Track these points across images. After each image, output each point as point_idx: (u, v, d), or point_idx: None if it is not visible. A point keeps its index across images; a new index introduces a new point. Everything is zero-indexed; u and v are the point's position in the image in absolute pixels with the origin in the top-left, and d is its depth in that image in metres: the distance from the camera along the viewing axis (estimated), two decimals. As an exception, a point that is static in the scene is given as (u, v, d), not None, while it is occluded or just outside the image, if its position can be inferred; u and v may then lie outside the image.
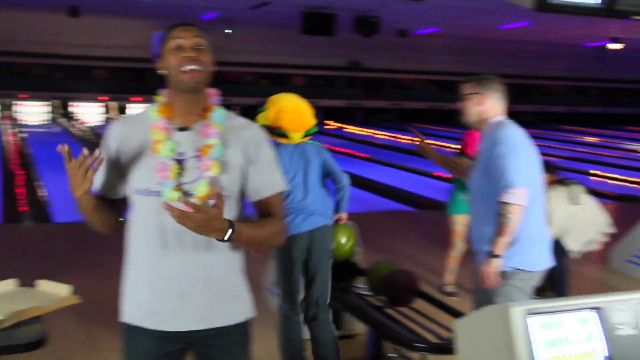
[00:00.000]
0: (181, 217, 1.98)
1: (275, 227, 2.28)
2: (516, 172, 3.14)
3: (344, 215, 4.15)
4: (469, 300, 5.51)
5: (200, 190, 2.15)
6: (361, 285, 4.30)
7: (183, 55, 2.15)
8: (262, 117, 3.89)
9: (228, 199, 2.19)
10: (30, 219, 8.15)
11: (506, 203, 3.13)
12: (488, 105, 3.35)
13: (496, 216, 3.17)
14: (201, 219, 1.98)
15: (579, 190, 5.21)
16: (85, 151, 2.06)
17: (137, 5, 16.97)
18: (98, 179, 2.23)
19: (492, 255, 3.19)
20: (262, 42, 23.07)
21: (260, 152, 2.26)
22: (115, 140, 2.27)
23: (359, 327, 4.69)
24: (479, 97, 3.35)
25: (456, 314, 3.65)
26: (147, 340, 2.25)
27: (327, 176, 4.05)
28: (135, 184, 2.22)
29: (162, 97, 2.27)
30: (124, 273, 2.35)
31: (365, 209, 9.85)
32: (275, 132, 3.83)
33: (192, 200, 2.09)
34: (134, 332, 2.27)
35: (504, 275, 3.20)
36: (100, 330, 4.71)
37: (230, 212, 2.18)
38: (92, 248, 6.81)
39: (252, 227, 2.20)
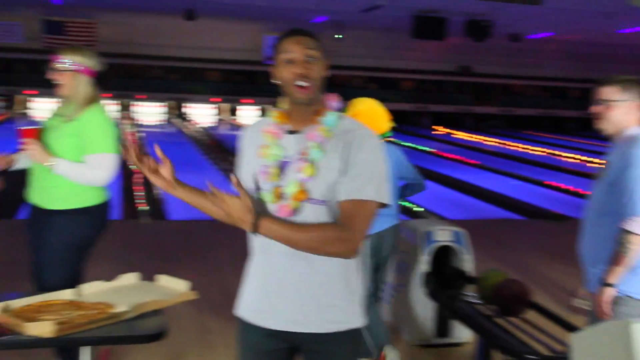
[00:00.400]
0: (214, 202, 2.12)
1: (322, 233, 2.12)
2: None
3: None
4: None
5: (290, 190, 2.18)
6: (470, 293, 4.24)
7: (294, 71, 2.17)
8: None
9: (325, 204, 2.18)
10: (147, 216, 8.46)
11: (629, 232, 2.88)
12: (629, 114, 3.02)
13: (614, 241, 2.93)
14: (225, 208, 2.09)
15: None
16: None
17: (250, 9, 17.34)
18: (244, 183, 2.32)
19: (606, 283, 2.98)
20: (372, 45, 23.10)
21: (357, 156, 2.18)
22: (244, 144, 2.37)
23: (467, 335, 4.63)
24: (625, 105, 3.02)
25: (569, 327, 3.54)
26: (255, 336, 2.31)
27: (403, 178, 4.19)
28: (245, 184, 2.29)
29: (285, 103, 2.30)
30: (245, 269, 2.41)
31: (474, 216, 9.71)
32: None
33: (286, 202, 2.16)
34: (245, 327, 2.34)
35: (615, 300, 3.00)
36: (212, 325, 4.84)
37: (323, 216, 2.18)
38: (204, 245, 7.02)
39: (287, 227, 2.12)
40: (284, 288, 2.23)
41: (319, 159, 2.18)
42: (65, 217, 3.51)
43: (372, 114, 4.06)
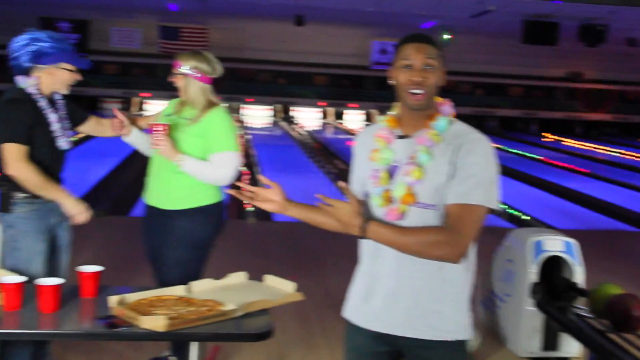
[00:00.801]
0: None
1: (428, 236, 2.12)
2: None
3: None
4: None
5: (398, 193, 2.20)
6: (581, 306, 4.10)
7: (410, 78, 2.20)
8: None
9: (435, 209, 2.18)
10: (253, 216, 8.62)
11: None
12: None
13: None
14: (334, 213, 2.16)
15: None
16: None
17: (358, 14, 17.40)
18: (354, 184, 2.41)
19: None
20: (480, 50, 22.74)
21: (466, 160, 2.16)
22: (357, 148, 2.42)
23: (576, 350, 4.48)
24: None
25: (688, 346, 3.37)
26: (361, 338, 2.35)
27: None
28: (357, 188, 2.37)
29: (397, 108, 2.34)
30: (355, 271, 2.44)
31: (585, 227, 9.40)
32: None
33: (395, 206, 2.19)
34: (352, 328, 2.38)
35: None
36: (315, 327, 4.87)
37: (430, 220, 2.18)
38: (309, 248, 7.08)
39: (394, 230, 2.14)
40: (389, 292, 2.25)
41: (427, 163, 2.19)
42: (184, 218, 3.60)
43: None
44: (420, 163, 2.19)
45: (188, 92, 3.66)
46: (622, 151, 20.44)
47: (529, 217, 9.34)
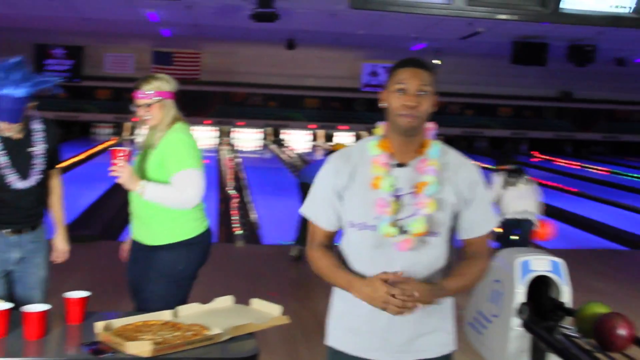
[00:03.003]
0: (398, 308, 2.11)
1: (480, 268, 2.34)
2: None
3: None
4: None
5: (416, 227, 2.20)
6: (568, 326, 4.11)
7: (403, 103, 2.20)
8: None
9: (437, 236, 2.23)
10: (242, 240, 8.62)
11: None
12: None
13: None
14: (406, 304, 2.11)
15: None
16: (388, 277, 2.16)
17: (348, 37, 17.50)
18: (325, 215, 2.35)
19: None
20: (469, 72, 22.90)
21: (476, 192, 2.29)
22: (332, 174, 2.33)
23: (565, 370, 4.48)
24: None
25: (675, 364, 3.38)
26: None
27: None
28: (351, 217, 2.29)
29: (380, 129, 2.33)
30: (333, 298, 2.43)
31: (574, 246, 9.41)
32: None
33: (408, 237, 2.19)
34: (339, 357, 2.35)
35: None
36: (302, 351, 4.87)
37: (437, 249, 2.23)
38: (296, 271, 7.09)
39: (457, 279, 2.27)
40: (393, 321, 2.23)
41: (437, 193, 2.22)
42: (166, 252, 3.48)
43: None
44: (431, 194, 2.21)
45: (156, 118, 3.49)
46: (612, 170, 20.54)
47: (517, 237, 9.33)
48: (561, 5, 3.22)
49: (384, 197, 2.21)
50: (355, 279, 2.20)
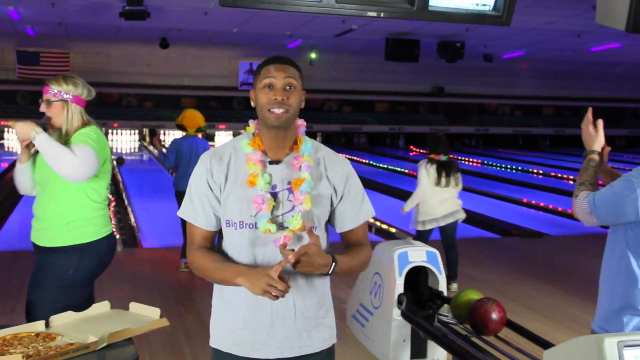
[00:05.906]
0: (295, 262, 2.08)
1: (366, 255, 2.38)
2: None
3: None
4: (559, 330, 5.38)
5: (294, 223, 2.21)
6: (445, 314, 4.26)
7: (272, 98, 2.21)
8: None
9: (316, 229, 2.25)
10: (120, 244, 8.39)
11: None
12: None
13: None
14: (307, 260, 2.10)
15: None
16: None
17: (223, 35, 17.39)
18: (203, 215, 2.31)
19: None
20: (345, 69, 23.24)
21: (350, 185, 2.34)
22: (207, 174, 2.29)
23: (442, 356, 4.63)
24: None
25: (545, 344, 3.56)
26: None
27: None
28: (229, 215, 2.27)
29: (251, 127, 2.33)
30: (213, 300, 2.40)
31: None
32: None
33: (286, 232, 2.21)
34: (223, 358, 2.34)
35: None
36: (186, 352, 4.80)
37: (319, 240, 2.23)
38: (178, 274, 6.98)
39: (349, 258, 2.29)
40: (275, 318, 2.25)
41: (312, 189, 2.25)
42: (60, 255, 3.41)
43: (192, 115, 7.30)
44: (307, 190, 2.23)
45: (60, 119, 3.45)
46: (483, 161, 21.39)
47: (396, 230, 9.57)
48: (430, 3, 3.31)
49: (261, 194, 2.21)
50: (244, 268, 2.18)
